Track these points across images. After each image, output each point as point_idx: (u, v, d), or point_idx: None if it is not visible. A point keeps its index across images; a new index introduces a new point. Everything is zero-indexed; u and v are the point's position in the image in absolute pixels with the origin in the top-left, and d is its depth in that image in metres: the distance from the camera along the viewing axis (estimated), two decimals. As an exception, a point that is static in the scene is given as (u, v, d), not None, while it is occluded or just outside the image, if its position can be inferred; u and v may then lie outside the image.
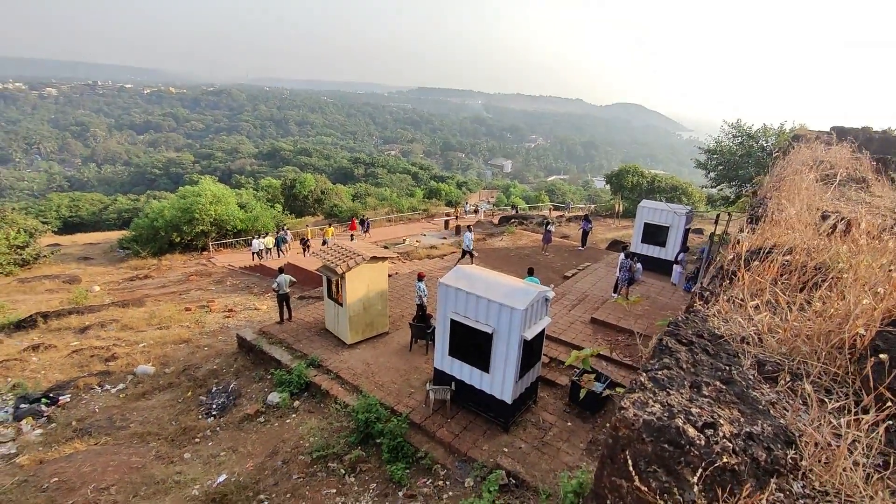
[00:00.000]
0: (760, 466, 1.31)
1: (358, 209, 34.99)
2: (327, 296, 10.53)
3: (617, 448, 1.44)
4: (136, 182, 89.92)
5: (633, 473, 1.31)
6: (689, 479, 1.24)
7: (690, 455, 1.28)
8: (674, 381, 1.58)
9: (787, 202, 2.68)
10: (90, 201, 48.57)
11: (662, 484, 1.29)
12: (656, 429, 1.35)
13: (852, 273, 1.70)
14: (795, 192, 3.13)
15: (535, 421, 7.59)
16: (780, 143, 17.24)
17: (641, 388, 1.57)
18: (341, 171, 74.44)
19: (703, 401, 1.50)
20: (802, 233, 2.17)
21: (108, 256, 26.64)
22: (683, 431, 1.33)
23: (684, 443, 1.30)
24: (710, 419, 1.40)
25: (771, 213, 2.60)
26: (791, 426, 1.46)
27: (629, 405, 1.48)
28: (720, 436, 1.33)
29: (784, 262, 1.90)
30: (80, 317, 14.19)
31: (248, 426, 8.43)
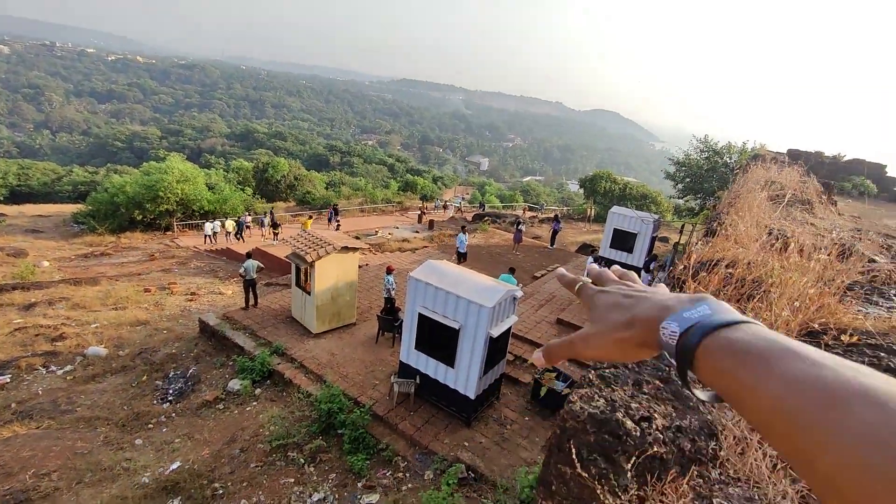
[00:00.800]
0: (685, 455, 1.44)
1: (332, 197, 34.37)
2: (295, 284, 10.35)
3: (564, 438, 1.56)
4: (95, 154, 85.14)
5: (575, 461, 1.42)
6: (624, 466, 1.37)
7: (627, 444, 1.41)
8: (619, 379, 1.72)
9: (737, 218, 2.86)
10: (42, 170, 45.66)
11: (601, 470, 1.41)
12: (599, 421, 1.48)
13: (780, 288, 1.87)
14: (747, 209, 3.34)
15: (497, 417, 7.73)
16: (740, 160, 18.09)
17: (589, 384, 1.70)
18: (316, 158, 72.91)
19: (643, 397, 1.64)
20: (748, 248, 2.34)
21: (60, 231, 25.19)
22: (622, 424, 1.46)
23: (622, 434, 1.44)
24: (647, 413, 1.53)
25: (724, 227, 2.78)
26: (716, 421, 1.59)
27: (577, 399, 1.59)
28: (654, 428, 1.47)
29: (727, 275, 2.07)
30: (25, 293, 13.39)
31: (207, 413, 8.21)
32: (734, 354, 0.38)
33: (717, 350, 0.40)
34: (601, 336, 0.52)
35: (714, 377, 0.40)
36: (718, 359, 0.40)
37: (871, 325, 1.77)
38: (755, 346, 0.38)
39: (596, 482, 1.43)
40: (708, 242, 2.66)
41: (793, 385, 0.34)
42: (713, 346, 0.40)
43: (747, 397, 0.37)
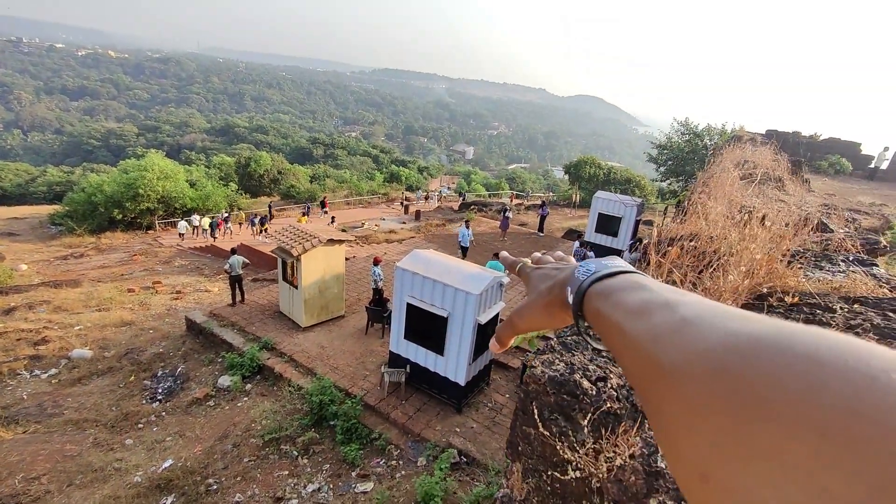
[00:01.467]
0: (637, 410, 1.55)
1: (316, 191, 34.04)
2: (282, 278, 10.30)
3: (527, 401, 1.65)
4: (69, 153, 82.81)
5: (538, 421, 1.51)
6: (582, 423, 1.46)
7: (584, 403, 1.52)
8: (579, 345, 1.83)
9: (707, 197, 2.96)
10: (14, 171, 44.43)
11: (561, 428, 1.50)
12: (559, 383, 1.58)
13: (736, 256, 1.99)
14: (719, 187, 3.44)
15: (488, 402, 7.86)
16: (720, 142, 18.36)
17: (551, 350, 1.81)
18: (299, 151, 71.87)
19: (601, 360, 1.75)
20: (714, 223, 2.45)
21: (36, 233, 24.57)
22: (579, 384, 1.56)
23: (579, 393, 1.55)
24: (603, 374, 1.63)
25: (694, 205, 2.88)
26: None
27: (538, 364, 1.68)
28: (609, 386, 1.57)
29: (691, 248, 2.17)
30: (3, 297, 13.11)
31: (197, 410, 8.19)
32: (602, 296, 0.44)
33: (594, 296, 0.45)
34: (532, 305, 0.58)
35: (591, 319, 0.45)
36: (594, 302, 0.44)
37: (812, 287, 1.89)
38: (617, 286, 0.43)
39: (556, 439, 1.52)
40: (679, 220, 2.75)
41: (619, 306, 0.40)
42: (592, 294, 0.45)
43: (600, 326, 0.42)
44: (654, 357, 0.30)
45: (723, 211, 2.64)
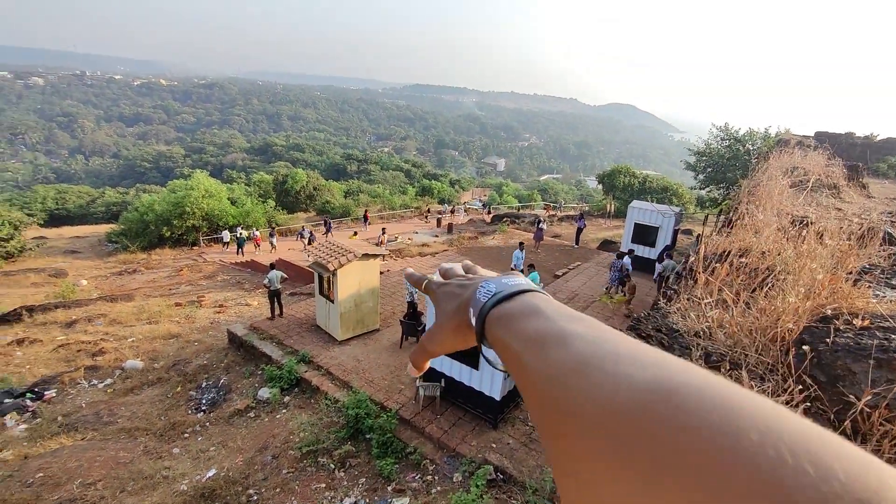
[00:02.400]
0: None
1: (350, 206, 34.87)
2: (319, 292, 10.55)
3: None
4: (125, 175, 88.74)
5: None
6: None
7: None
8: None
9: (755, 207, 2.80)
10: (77, 194, 47.82)
11: None
12: None
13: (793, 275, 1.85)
14: (767, 197, 3.26)
15: (524, 418, 7.70)
16: (764, 147, 17.53)
17: None
18: (334, 168, 74.06)
19: None
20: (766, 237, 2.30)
21: (95, 250, 26.33)
22: None
23: None
24: None
25: (741, 217, 2.73)
26: None
27: None
28: None
29: (741, 264, 2.05)
30: (66, 311, 14.05)
31: (238, 421, 8.44)
32: (501, 321, 0.42)
33: (493, 321, 0.44)
34: (440, 328, 0.55)
35: (493, 345, 0.44)
36: (494, 328, 0.43)
37: (884, 309, 1.73)
38: (515, 311, 0.42)
39: None
40: (725, 233, 2.62)
41: (517, 335, 0.39)
42: (492, 318, 0.44)
43: (502, 354, 0.41)
44: (552, 399, 0.29)
45: (774, 223, 2.49)
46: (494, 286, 0.47)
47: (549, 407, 0.30)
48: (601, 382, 0.27)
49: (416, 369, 0.63)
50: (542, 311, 0.40)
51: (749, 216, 2.70)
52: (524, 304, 0.43)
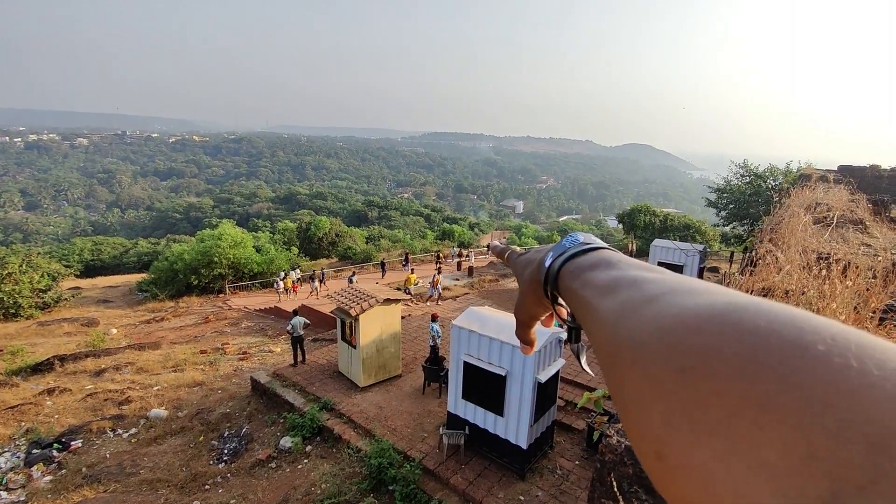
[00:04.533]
0: None
1: (372, 251, 35.46)
2: (341, 338, 10.57)
3: (604, 471, 1.54)
4: (157, 226, 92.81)
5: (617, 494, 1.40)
6: None
7: None
8: None
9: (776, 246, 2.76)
10: (112, 245, 50.10)
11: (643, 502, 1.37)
12: None
13: None
14: (790, 234, 3.21)
15: (552, 467, 7.34)
16: (785, 183, 17.33)
17: None
18: (355, 214, 76.07)
19: None
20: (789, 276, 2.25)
21: (126, 299, 27.19)
22: None
23: None
24: None
25: (764, 256, 2.69)
26: None
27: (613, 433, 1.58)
28: None
29: None
30: (96, 360, 14.37)
31: (260, 472, 8.29)
32: (573, 274, 0.44)
33: (566, 274, 0.45)
34: (522, 295, 0.57)
35: (566, 299, 0.45)
36: (566, 281, 0.44)
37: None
38: (587, 264, 0.43)
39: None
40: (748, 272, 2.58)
41: (589, 284, 0.40)
42: (565, 273, 0.45)
43: (574, 306, 0.42)
44: (616, 335, 0.30)
45: (797, 260, 2.44)
46: (567, 243, 0.49)
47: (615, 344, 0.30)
48: (678, 303, 0.27)
49: (528, 346, 0.64)
50: (614, 262, 0.41)
51: (771, 255, 2.65)
52: (596, 258, 0.44)
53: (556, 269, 0.47)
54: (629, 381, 0.27)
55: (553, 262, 0.48)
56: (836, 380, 0.18)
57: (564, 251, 0.48)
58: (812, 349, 0.19)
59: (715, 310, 0.24)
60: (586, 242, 0.48)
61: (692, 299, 0.27)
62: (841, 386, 0.18)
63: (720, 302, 0.25)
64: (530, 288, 0.54)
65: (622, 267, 0.38)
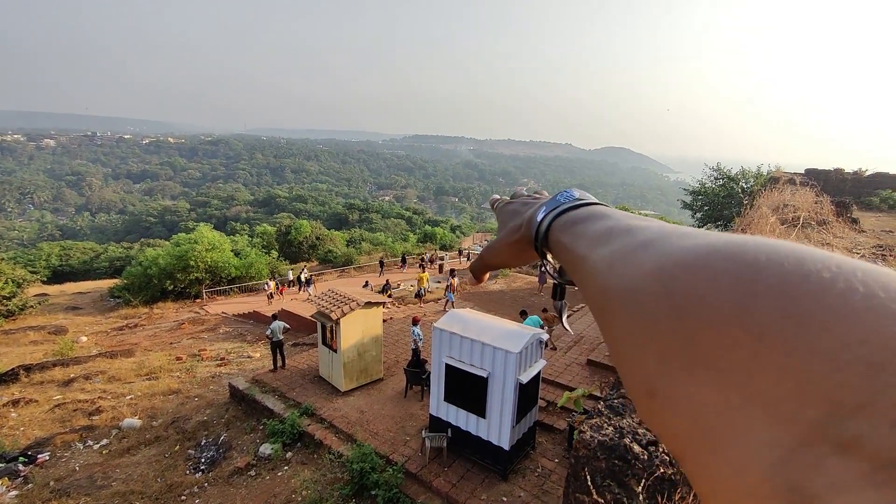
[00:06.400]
0: None
1: (353, 254, 35.15)
2: (322, 342, 10.44)
3: (578, 466, 1.58)
4: (130, 230, 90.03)
5: (591, 488, 1.43)
6: (636, 489, 1.37)
7: (636, 468, 1.44)
8: (626, 408, 1.75)
9: None
10: (82, 250, 48.27)
11: (615, 495, 1.42)
12: (609, 448, 1.51)
13: None
14: (759, 234, 3.32)
15: (534, 468, 7.40)
16: (756, 185, 17.94)
17: (599, 414, 1.75)
18: (336, 217, 75.27)
19: None
20: None
21: (97, 306, 26.27)
22: (630, 448, 1.48)
23: (631, 458, 1.47)
24: (653, 438, 1.54)
25: None
26: None
27: (587, 429, 1.62)
28: (660, 451, 1.47)
29: None
30: (64, 369, 13.83)
31: (238, 480, 8.10)
32: (564, 227, 0.44)
33: (557, 228, 0.45)
34: (499, 241, 0.58)
35: (555, 251, 0.45)
36: (557, 234, 0.45)
37: None
38: (580, 217, 0.43)
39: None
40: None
41: (582, 236, 0.40)
42: (556, 226, 0.46)
43: (563, 257, 0.42)
44: (609, 280, 0.30)
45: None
46: (561, 198, 0.49)
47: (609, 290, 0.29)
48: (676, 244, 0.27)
49: (477, 280, 0.66)
50: (607, 214, 0.40)
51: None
52: (589, 211, 0.44)
53: (548, 223, 0.47)
54: (622, 324, 0.26)
55: (545, 216, 0.48)
56: (837, 304, 0.18)
57: (558, 206, 0.48)
58: (815, 276, 0.19)
59: (713, 247, 0.24)
60: (580, 198, 0.48)
61: (690, 241, 0.26)
62: (842, 310, 0.17)
63: (720, 240, 0.25)
64: (511, 238, 0.55)
65: (616, 218, 0.38)
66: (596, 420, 1.72)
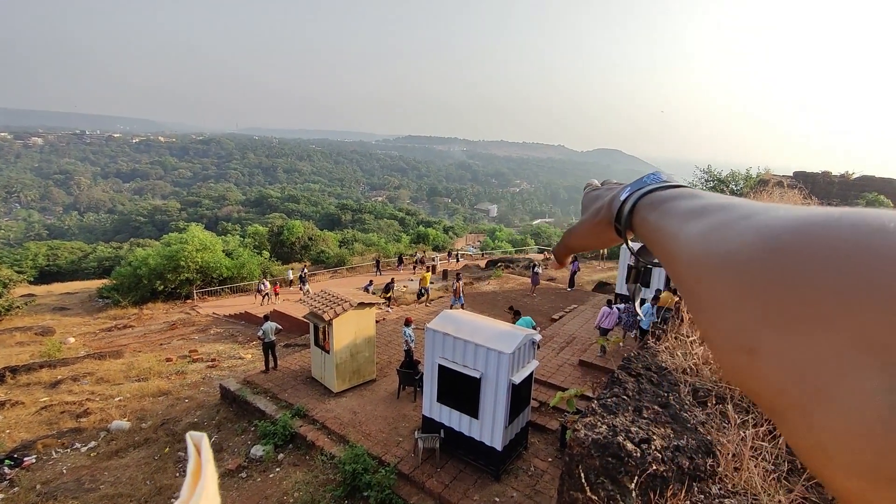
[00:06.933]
0: (684, 472, 1.50)
1: (345, 255, 35.04)
2: (314, 343, 10.40)
3: (572, 464, 1.61)
4: (119, 230, 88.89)
5: (585, 485, 1.46)
6: (629, 486, 1.40)
7: (629, 465, 1.47)
8: (620, 406, 1.79)
9: None
10: (69, 249, 47.59)
11: (609, 492, 1.45)
12: (602, 445, 1.55)
13: None
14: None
15: (527, 468, 7.43)
16: (745, 188, 18.17)
17: (592, 412, 1.79)
18: (328, 217, 74.94)
19: (643, 421, 1.71)
20: None
21: (85, 306, 25.91)
22: (623, 446, 1.52)
23: (624, 456, 1.51)
24: (646, 436, 1.58)
25: None
26: (714, 440, 1.64)
27: (581, 427, 1.65)
28: (653, 448, 1.51)
29: None
30: (51, 370, 13.62)
31: (229, 483, 8.03)
32: (652, 206, 0.45)
33: (643, 207, 0.46)
34: (582, 225, 0.59)
35: (639, 230, 0.46)
36: (643, 212, 0.45)
37: None
38: (670, 195, 0.44)
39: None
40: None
41: (671, 213, 0.40)
42: (642, 205, 0.46)
43: (649, 235, 0.43)
44: (707, 249, 0.30)
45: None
46: (647, 179, 0.50)
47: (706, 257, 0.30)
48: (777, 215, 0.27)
49: (559, 263, 0.67)
50: (698, 194, 0.40)
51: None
52: (679, 192, 0.44)
53: (631, 204, 0.47)
54: (719, 287, 0.27)
55: (630, 195, 0.48)
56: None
57: (643, 186, 0.48)
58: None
59: (812, 218, 0.25)
60: (667, 180, 0.48)
61: (789, 213, 0.27)
62: None
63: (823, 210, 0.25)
64: (592, 221, 0.56)
65: (710, 197, 0.38)
66: (590, 418, 1.76)
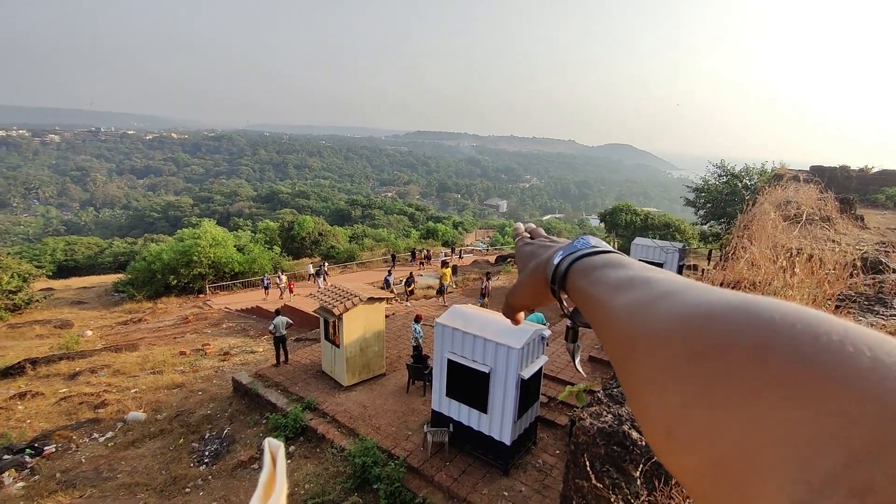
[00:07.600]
0: None
1: (355, 250, 35.23)
2: (324, 337, 10.50)
3: (578, 453, 1.61)
4: (133, 225, 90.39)
5: (590, 473, 1.47)
6: (634, 474, 1.41)
7: (634, 454, 1.47)
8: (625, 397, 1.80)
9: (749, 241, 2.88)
10: (86, 245, 48.54)
11: (614, 480, 1.45)
12: (608, 434, 1.55)
13: None
14: (761, 230, 3.35)
15: (536, 463, 7.44)
16: (760, 182, 17.84)
17: (598, 402, 1.79)
18: (339, 213, 75.29)
19: None
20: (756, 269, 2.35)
21: (102, 300, 26.44)
22: (628, 435, 1.52)
23: (629, 444, 1.51)
24: None
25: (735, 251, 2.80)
26: None
27: (587, 416, 1.65)
28: None
29: None
30: (70, 362, 13.95)
31: (242, 473, 8.18)
32: (583, 273, 0.46)
33: (576, 272, 0.47)
34: (520, 284, 0.60)
35: (573, 294, 0.47)
36: (575, 278, 0.47)
37: None
38: (599, 263, 0.45)
39: (610, 492, 1.47)
40: (721, 267, 2.68)
41: (600, 282, 0.42)
42: (575, 270, 0.48)
43: (581, 301, 0.44)
44: (632, 327, 0.32)
45: (767, 255, 2.56)
46: (578, 245, 0.51)
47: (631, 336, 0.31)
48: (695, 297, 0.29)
49: (514, 322, 0.67)
50: (626, 264, 0.43)
51: (742, 250, 2.77)
52: (607, 259, 0.46)
53: (565, 267, 0.49)
54: (644, 369, 0.28)
55: (562, 260, 0.50)
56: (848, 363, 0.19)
57: (575, 251, 0.50)
58: (824, 338, 0.21)
59: (730, 303, 0.26)
60: (596, 246, 0.50)
61: (707, 296, 0.28)
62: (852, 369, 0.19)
63: (735, 298, 0.27)
64: (531, 281, 0.57)
65: (635, 268, 0.40)
66: (595, 408, 1.76)
